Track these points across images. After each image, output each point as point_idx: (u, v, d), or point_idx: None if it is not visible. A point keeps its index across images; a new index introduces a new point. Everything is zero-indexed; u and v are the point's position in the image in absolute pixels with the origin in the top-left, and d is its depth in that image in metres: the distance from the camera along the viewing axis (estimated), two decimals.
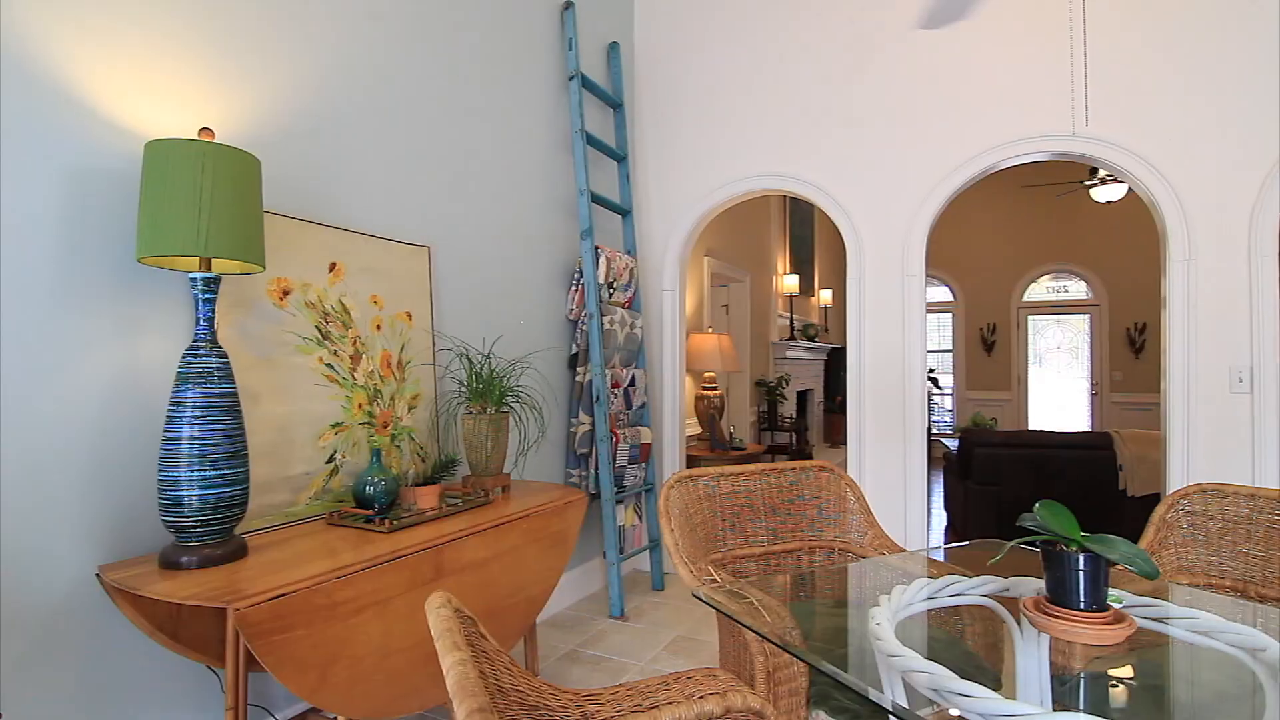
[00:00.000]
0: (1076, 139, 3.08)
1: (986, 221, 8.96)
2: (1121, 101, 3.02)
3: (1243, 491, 1.84)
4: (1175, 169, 2.93)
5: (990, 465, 4.64)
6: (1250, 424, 2.76)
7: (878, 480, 3.41)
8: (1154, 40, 2.97)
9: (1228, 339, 2.81)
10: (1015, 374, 8.91)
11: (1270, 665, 1.16)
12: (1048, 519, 1.17)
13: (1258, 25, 2.82)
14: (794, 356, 7.11)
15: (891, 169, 3.45)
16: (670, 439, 3.92)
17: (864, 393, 3.46)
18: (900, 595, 1.42)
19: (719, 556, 2.03)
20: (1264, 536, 1.78)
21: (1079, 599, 1.17)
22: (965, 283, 9.15)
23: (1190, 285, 2.88)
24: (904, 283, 3.41)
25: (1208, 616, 1.32)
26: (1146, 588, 1.69)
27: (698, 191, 3.92)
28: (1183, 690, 1.36)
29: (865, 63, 3.52)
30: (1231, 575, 1.81)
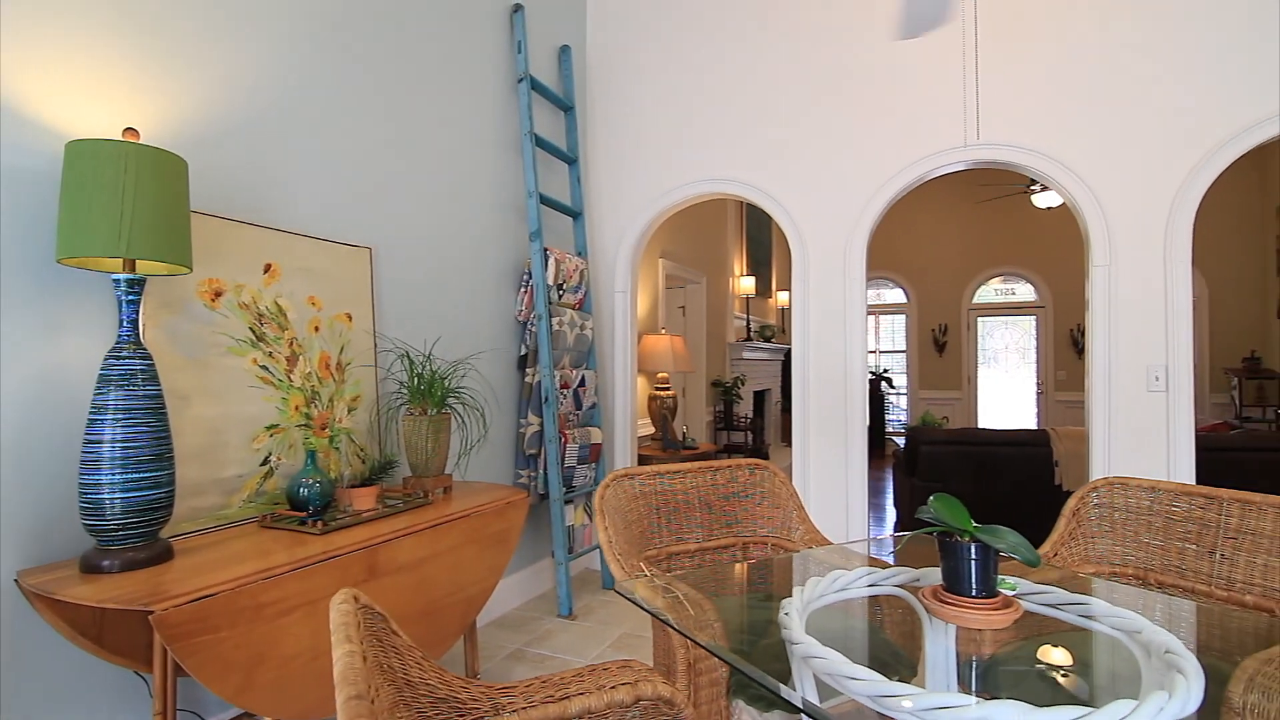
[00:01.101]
0: (1006, 148, 3.21)
1: (938, 225, 9.20)
2: (1048, 111, 3.15)
3: (1145, 485, 1.95)
4: (1097, 177, 3.07)
5: (935, 463, 4.78)
6: (1165, 420, 2.91)
7: (821, 477, 3.50)
8: (1078, 52, 3.11)
9: (1145, 340, 2.96)
10: (966, 374, 9.17)
11: (1144, 646, 1.25)
12: (941, 511, 1.24)
13: (1176, 37, 2.97)
14: (751, 357, 7.21)
15: (833, 176, 3.54)
16: (621, 439, 3.96)
17: (808, 392, 3.54)
18: (814, 587, 1.48)
19: (654, 553, 2.07)
20: (1163, 527, 1.89)
21: (970, 586, 1.24)
22: (918, 285, 9.39)
23: (1111, 289, 3.02)
24: (846, 286, 3.50)
25: (1095, 602, 1.40)
26: (1053, 576, 1.78)
27: (649, 194, 3.97)
28: (1079, 671, 1.45)
29: (809, 73, 3.61)
30: (1134, 564, 1.92)
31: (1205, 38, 2.92)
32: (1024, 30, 3.21)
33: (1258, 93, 2.84)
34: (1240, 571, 1.73)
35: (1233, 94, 2.88)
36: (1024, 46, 3.20)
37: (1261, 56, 2.84)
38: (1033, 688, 1.49)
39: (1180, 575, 1.83)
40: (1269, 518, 1.70)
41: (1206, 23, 2.92)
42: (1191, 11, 2.94)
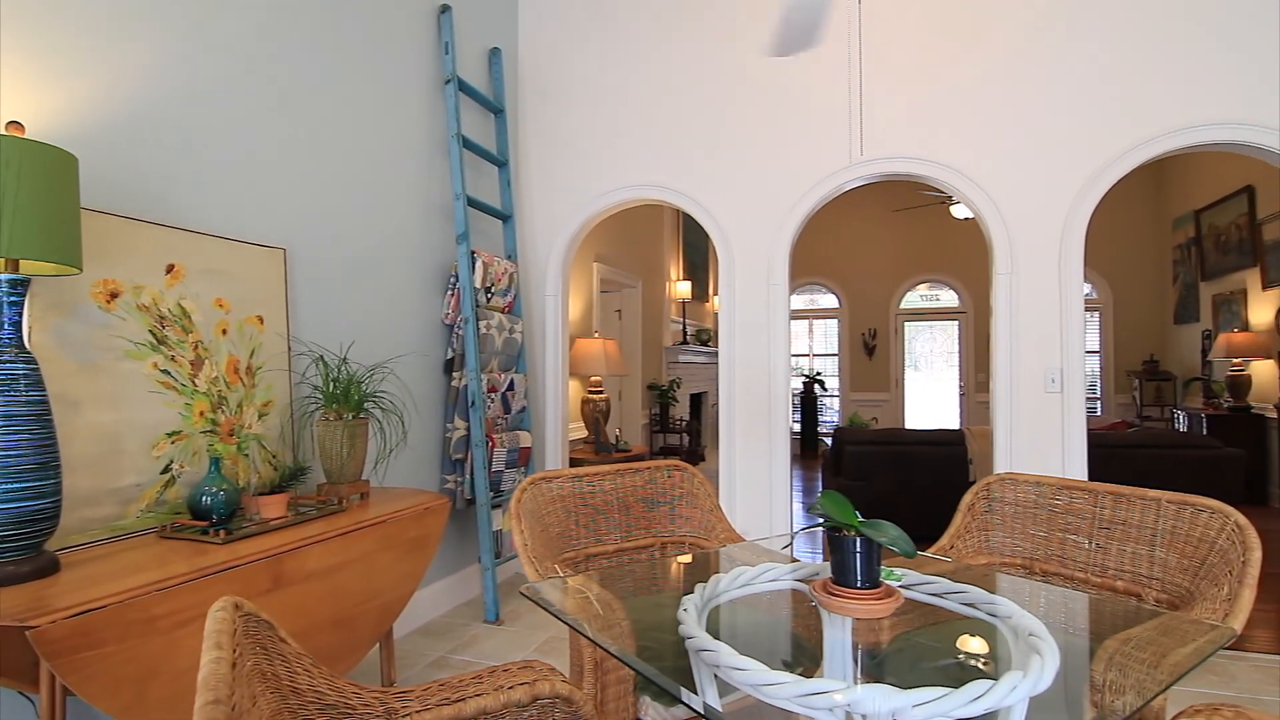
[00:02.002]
0: (921, 161, 3.37)
1: (868, 233, 9.53)
2: (955, 127, 3.33)
3: (1031, 480, 2.08)
4: (1000, 190, 3.26)
5: (859, 462, 4.95)
6: (1060, 419, 3.11)
7: (748, 475, 3.59)
8: (985, 71, 3.30)
9: (1043, 345, 3.16)
10: (894, 376, 9.53)
11: (1013, 630, 1.34)
12: (830, 508, 1.30)
13: (1073, 59, 3.19)
14: (687, 360, 7.31)
15: (757, 185, 3.65)
16: (553, 442, 3.96)
17: (735, 393, 3.63)
18: (716, 583, 1.53)
19: (571, 555, 2.09)
20: (1046, 519, 2.02)
21: (855, 578, 1.31)
22: (850, 290, 9.70)
23: (1012, 296, 3.21)
24: (770, 291, 3.60)
25: (974, 590, 1.49)
26: (947, 568, 1.89)
27: (581, 198, 3.99)
28: (954, 655, 1.54)
29: (735, 85, 3.70)
30: (1021, 554, 2.05)
31: (1097, 60, 3.14)
32: (934, 50, 3.37)
33: (1146, 112, 3.07)
34: (1113, 559, 1.87)
35: (1124, 113, 3.10)
36: (930, 66, 3.37)
37: (1147, 79, 3.07)
38: (911, 671, 1.57)
39: (1062, 564, 1.96)
40: (1136, 509, 1.85)
41: (1098, 45, 3.14)
42: (1085, 35, 3.16)
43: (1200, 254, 7.33)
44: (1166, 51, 3.05)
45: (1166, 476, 4.62)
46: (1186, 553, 1.72)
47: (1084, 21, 3.16)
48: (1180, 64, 3.03)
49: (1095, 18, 3.14)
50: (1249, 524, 1.62)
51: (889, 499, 4.82)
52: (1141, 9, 3.08)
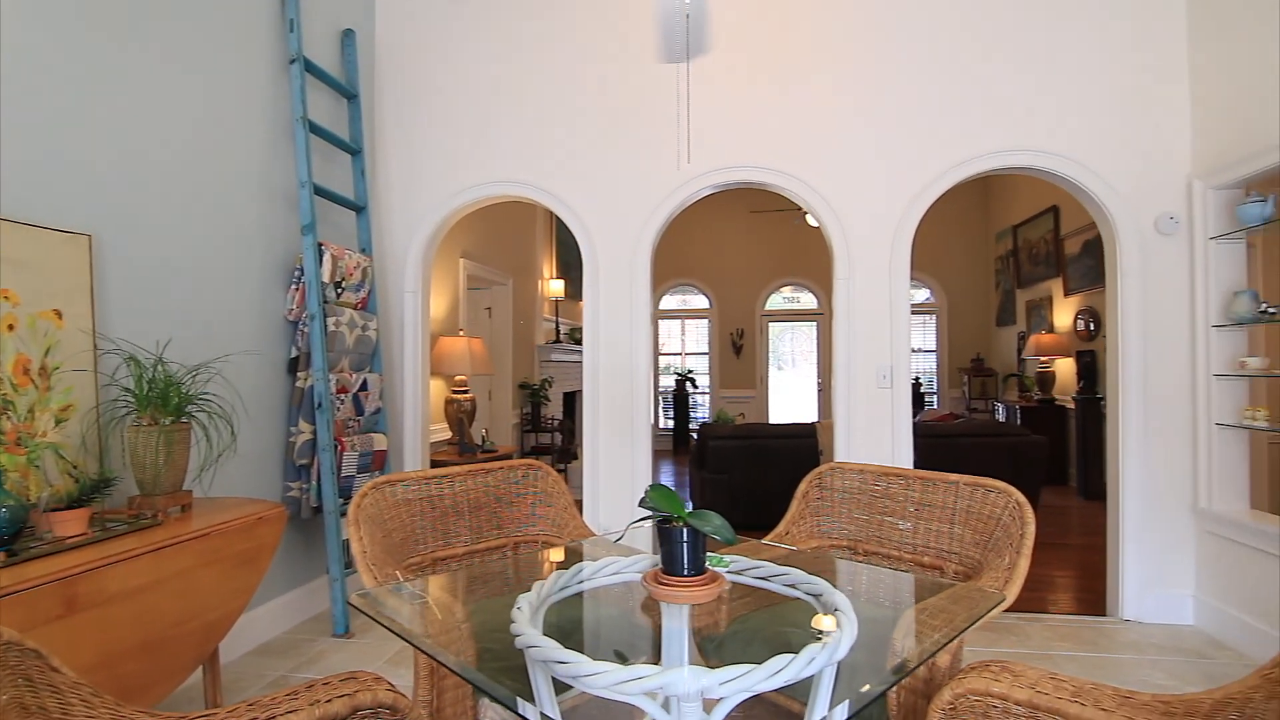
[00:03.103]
0: (773, 171, 3.57)
1: (736, 237, 9.96)
2: (803, 141, 3.55)
3: (855, 468, 2.27)
4: (840, 201, 3.52)
5: (721, 456, 5.17)
6: (890, 413, 3.41)
7: (611, 471, 3.64)
8: (834, 88, 3.54)
9: (876, 345, 3.44)
10: (759, 374, 10.02)
11: (825, 606, 1.46)
12: (658, 501, 1.35)
13: (906, 83, 3.49)
14: (560, 359, 7.30)
15: (621, 188, 3.71)
16: (412, 445, 3.82)
17: (599, 391, 3.67)
18: (556, 579, 1.54)
19: (417, 560, 2.04)
20: (867, 504, 2.21)
21: (682, 566, 1.37)
22: (719, 291, 10.09)
23: (850, 299, 3.47)
24: (632, 292, 3.68)
25: (795, 572, 1.61)
26: (780, 553, 2.01)
27: (443, 193, 3.88)
28: (789, 631, 1.65)
29: (599, 86, 3.74)
30: (846, 537, 2.23)
31: (926, 86, 3.47)
32: (781, 65, 3.59)
33: (965, 136, 3.43)
34: (921, 537, 2.08)
35: (947, 136, 3.44)
36: (777, 79, 3.58)
37: (967, 107, 3.43)
38: (745, 650, 1.67)
39: (880, 544, 2.16)
40: (940, 491, 2.06)
41: (927, 74, 3.47)
42: (917, 61, 3.48)
43: (1017, 264, 8.29)
44: (983, 84, 3.42)
45: (985, 461, 5.19)
46: (979, 529, 1.95)
47: (916, 50, 3.48)
48: (993, 96, 3.41)
49: (926, 48, 3.47)
50: (1027, 502, 1.86)
51: (749, 489, 5.07)
52: (964, 46, 3.44)
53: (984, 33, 3.43)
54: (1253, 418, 2.96)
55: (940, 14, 3.47)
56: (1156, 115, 3.29)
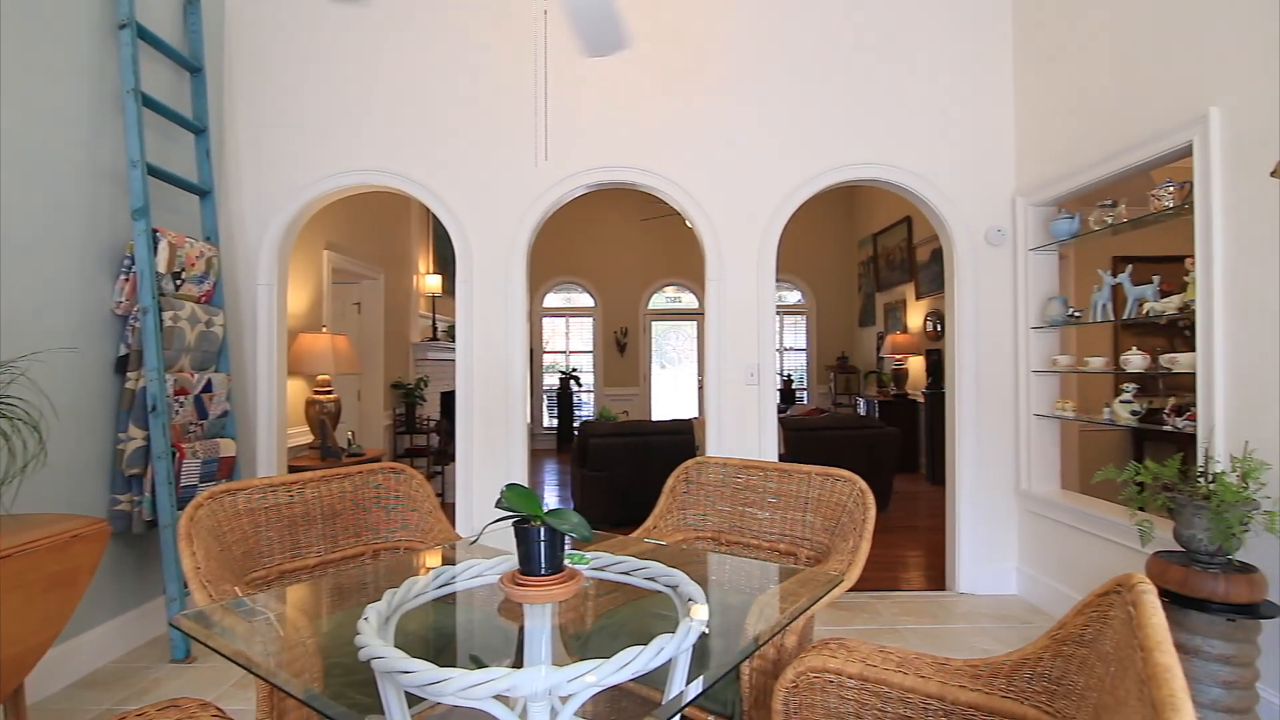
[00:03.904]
0: (648, 173, 3.63)
1: (621, 236, 10.05)
2: (679, 145, 3.64)
3: (719, 462, 2.36)
4: (712, 204, 3.64)
5: (601, 454, 5.20)
6: (757, 409, 3.57)
7: (485, 472, 3.56)
8: (712, 92, 3.65)
9: (744, 343, 3.59)
10: (643, 372, 10.18)
11: (681, 597, 1.50)
12: (514, 501, 1.34)
13: (772, 96, 3.66)
14: (438, 357, 7.05)
15: (496, 182, 3.64)
16: (266, 450, 3.55)
17: (473, 390, 3.58)
18: (410, 586, 1.49)
19: (262, 574, 1.90)
20: (730, 496, 2.30)
21: (540, 566, 1.36)
22: (604, 290, 10.14)
23: (721, 299, 3.60)
24: (507, 290, 3.62)
25: (655, 565, 1.65)
26: (645, 547, 2.05)
27: (302, 179, 3.63)
28: (646, 622, 1.68)
29: (479, 75, 3.65)
30: (711, 528, 2.31)
31: (788, 101, 3.65)
32: (668, 70, 3.66)
33: (821, 150, 3.64)
34: (778, 526, 2.19)
35: (807, 149, 3.64)
36: (654, 83, 3.65)
37: (823, 122, 3.64)
38: (611, 646, 1.68)
39: (741, 534, 2.25)
40: (794, 481, 2.18)
41: (788, 89, 3.65)
42: (782, 75, 3.65)
43: (876, 270, 8.93)
44: (844, 102, 3.65)
45: (846, 452, 5.55)
46: (827, 515, 2.08)
47: (786, 65, 3.66)
48: (853, 114, 3.65)
49: (795, 65, 3.66)
50: (869, 490, 2.01)
51: (629, 486, 5.13)
52: (829, 67, 3.65)
53: (847, 57, 3.67)
54: (1063, 409, 3.35)
55: (811, 35, 3.67)
56: (987, 139, 3.65)
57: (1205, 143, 2.44)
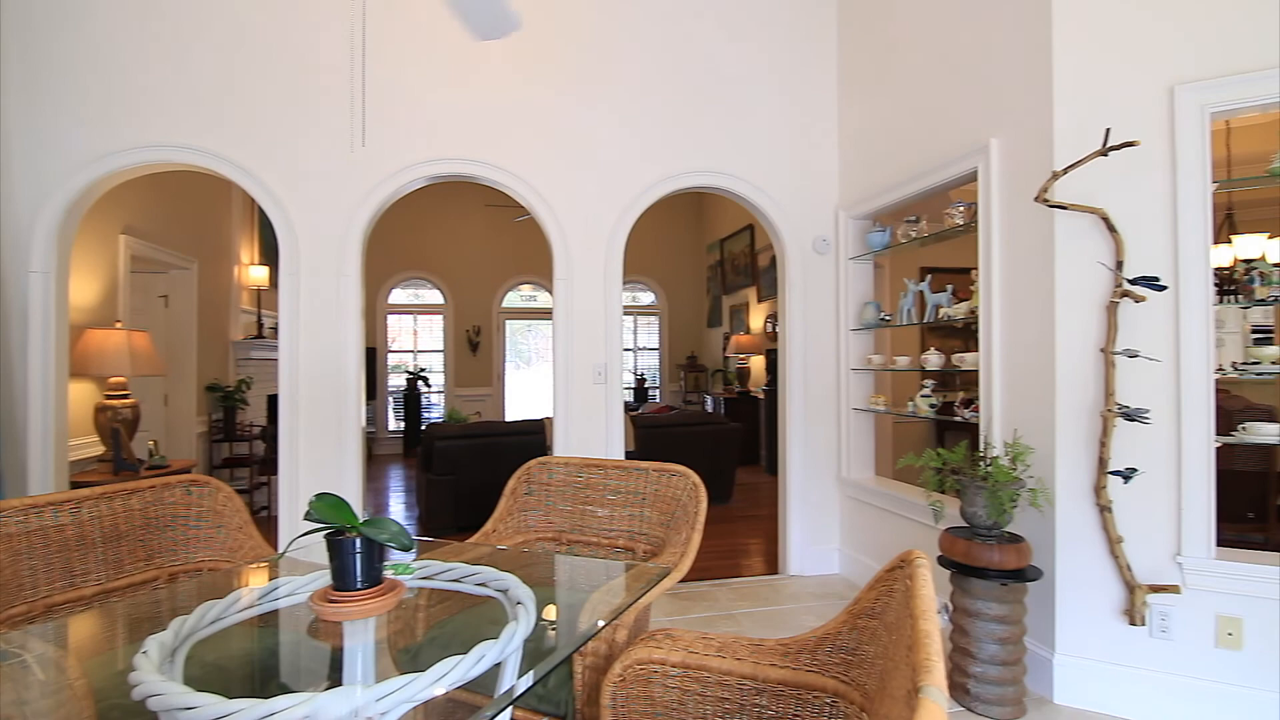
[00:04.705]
0: (494, 167, 3.54)
1: (473, 230, 9.75)
2: (528, 143, 3.59)
3: (560, 461, 2.35)
4: (560, 201, 3.63)
5: (448, 457, 5.02)
6: (605, 407, 3.61)
7: (315, 485, 3.31)
8: (561, 91, 3.62)
9: (592, 343, 3.62)
10: (496, 372, 9.95)
11: (511, 601, 1.48)
12: (324, 512, 1.25)
13: (621, 96, 3.70)
14: (265, 357, 6.45)
15: (329, 168, 3.39)
16: (41, 464, 3.05)
17: (299, 392, 3.31)
18: (204, 612, 1.34)
19: (22, 609, 1.63)
20: (571, 495, 2.31)
21: (355, 579, 1.28)
22: (455, 287, 9.79)
23: (569, 298, 3.60)
24: (340, 285, 3.38)
25: (486, 571, 1.61)
26: (482, 552, 2.00)
27: (89, 153, 3.16)
28: (480, 630, 1.63)
29: (310, 48, 3.37)
30: (552, 529, 2.30)
31: (643, 108, 3.72)
32: (518, 64, 3.59)
33: (674, 153, 3.75)
34: (617, 523, 2.23)
35: (651, 154, 3.73)
36: (507, 79, 3.58)
37: (682, 127, 3.75)
38: (428, 659, 1.62)
39: (582, 532, 2.26)
40: (633, 478, 2.23)
41: (645, 90, 3.73)
42: (636, 77, 3.71)
43: (723, 273, 9.37)
44: (690, 113, 3.78)
45: (693, 447, 5.78)
46: (663, 509, 2.14)
47: (637, 70, 3.72)
48: (700, 125, 3.79)
49: (646, 71, 3.73)
50: (701, 483, 2.09)
51: (478, 489, 4.99)
52: (681, 77, 3.76)
53: (694, 72, 3.80)
54: (876, 403, 3.71)
55: (661, 47, 3.76)
56: (815, 157, 3.95)
57: (987, 170, 2.80)
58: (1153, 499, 2.31)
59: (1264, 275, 2.54)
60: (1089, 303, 2.41)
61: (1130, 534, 2.33)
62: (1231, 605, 2.22)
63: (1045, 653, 2.49)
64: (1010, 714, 2.34)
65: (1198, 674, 2.25)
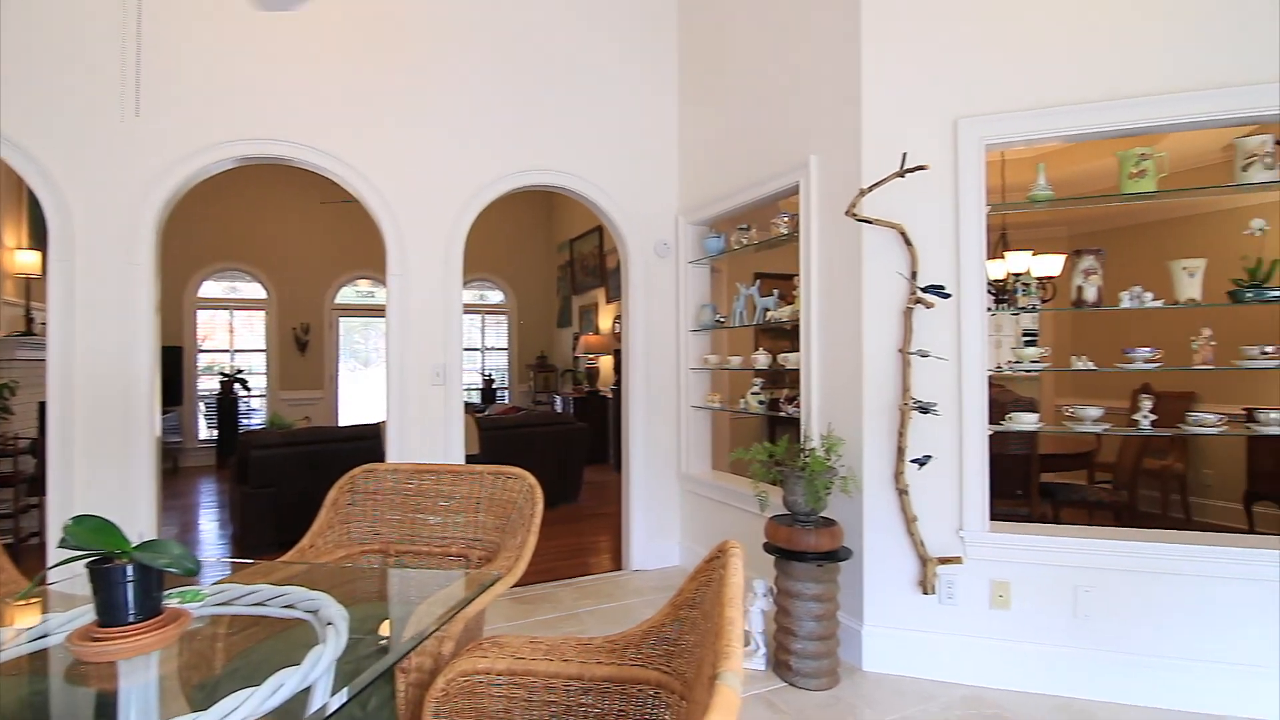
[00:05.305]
0: (317, 151, 3.28)
1: (301, 220, 8.98)
2: (360, 125, 3.36)
3: (389, 468, 2.23)
4: (394, 191, 3.44)
5: (267, 467, 4.57)
6: (444, 410, 3.48)
7: (96, 504, 2.87)
8: (399, 75, 3.41)
9: (430, 342, 3.47)
10: (329, 373, 9.25)
11: (322, 622, 1.37)
12: (85, 537, 1.08)
13: (469, 85, 3.57)
14: (35, 358, 5.51)
15: (115, 141, 2.96)
16: None
17: (73, 400, 2.86)
18: None
19: None
20: (400, 503, 2.19)
21: (126, 613, 1.12)
22: (280, 280, 8.96)
23: (404, 297, 3.42)
24: (130, 273, 2.97)
25: (294, 591, 1.48)
26: (294, 572, 1.84)
27: None
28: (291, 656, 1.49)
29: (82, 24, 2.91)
30: (380, 540, 2.17)
31: (489, 103, 3.61)
32: (351, 40, 3.33)
33: (520, 150, 3.67)
34: (451, 530, 2.14)
35: (505, 148, 3.65)
36: (336, 56, 3.33)
37: (528, 126, 3.68)
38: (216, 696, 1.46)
39: (413, 542, 2.15)
40: (467, 483, 2.16)
41: (490, 84, 3.61)
42: (481, 70, 3.59)
43: (573, 273, 9.38)
44: (536, 113, 3.73)
45: (541, 448, 5.72)
46: (499, 514, 2.09)
47: (483, 62, 3.61)
48: (547, 127, 3.76)
49: (492, 65, 3.62)
50: (537, 485, 2.07)
51: (303, 501, 4.58)
52: (528, 77, 3.69)
53: (546, 69, 3.77)
54: (713, 401, 3.88)
55: (511, 36, 3.66)
56: (658, 161, 4.06)
57: (807, 184, 3.02)
58: (942, 482, 2.62)
59: (1026, 286, 2.97)
60: (890, 308, 2.68)
61: (924, 513, 2.62)
62: (1002, 571, 2.57)
63: (855, 625, 2.74)
64: (825, 684, 2.54)
65: (977, 633, 2.58)
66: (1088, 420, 2.60)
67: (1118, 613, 2.44)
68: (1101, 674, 2.43)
